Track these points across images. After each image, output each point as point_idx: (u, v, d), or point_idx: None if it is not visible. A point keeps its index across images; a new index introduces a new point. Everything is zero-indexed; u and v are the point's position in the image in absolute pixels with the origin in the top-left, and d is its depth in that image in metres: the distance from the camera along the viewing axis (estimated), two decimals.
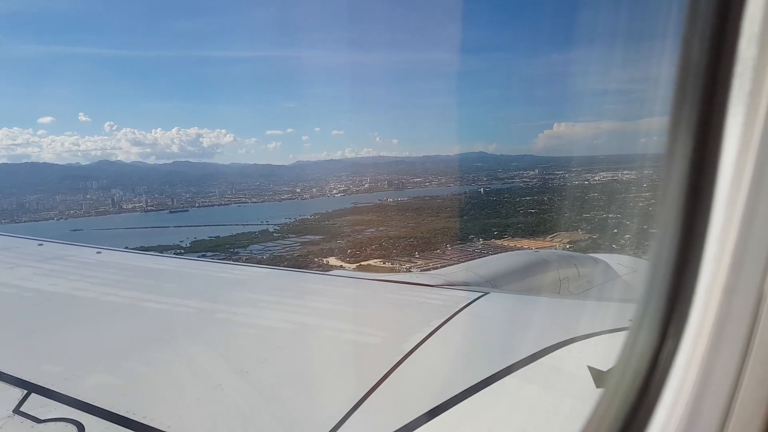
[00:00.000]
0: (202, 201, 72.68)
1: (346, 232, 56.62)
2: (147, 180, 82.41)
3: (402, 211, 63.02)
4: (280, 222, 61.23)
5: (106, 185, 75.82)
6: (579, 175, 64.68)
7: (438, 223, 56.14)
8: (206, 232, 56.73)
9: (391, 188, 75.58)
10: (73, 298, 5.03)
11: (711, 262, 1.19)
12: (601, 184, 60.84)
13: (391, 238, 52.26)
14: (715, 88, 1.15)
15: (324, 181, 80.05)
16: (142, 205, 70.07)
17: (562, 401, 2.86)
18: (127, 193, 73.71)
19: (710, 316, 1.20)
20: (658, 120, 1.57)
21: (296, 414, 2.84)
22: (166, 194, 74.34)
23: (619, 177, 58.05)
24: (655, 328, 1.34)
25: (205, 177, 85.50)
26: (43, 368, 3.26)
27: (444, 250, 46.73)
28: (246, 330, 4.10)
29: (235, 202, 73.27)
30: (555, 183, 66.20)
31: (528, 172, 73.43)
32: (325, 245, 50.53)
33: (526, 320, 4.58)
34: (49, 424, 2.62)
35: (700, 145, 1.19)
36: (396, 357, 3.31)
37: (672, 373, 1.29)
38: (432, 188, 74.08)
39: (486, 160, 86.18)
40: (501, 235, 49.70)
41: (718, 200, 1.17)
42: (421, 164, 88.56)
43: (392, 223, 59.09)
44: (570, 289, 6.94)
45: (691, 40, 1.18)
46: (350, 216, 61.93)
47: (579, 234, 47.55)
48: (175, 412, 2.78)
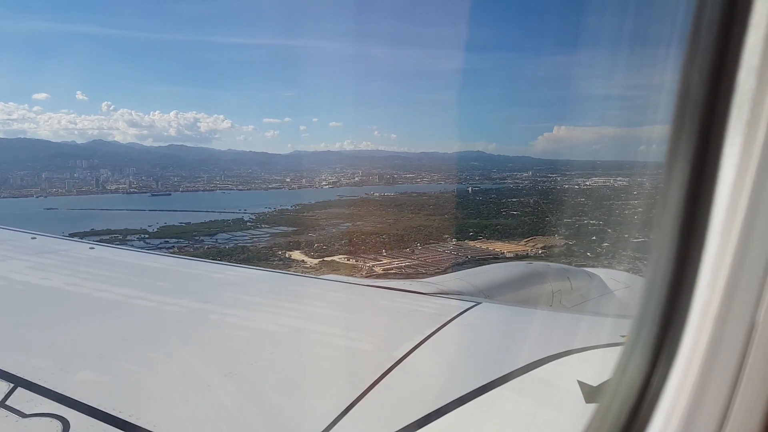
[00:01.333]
0: (187, 186, 71.96)
1: (321, 225, 55.65)
2: (138, 162, 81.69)
3: (384, 206, 62.11)
4: (259, 211, 60.24)
5: (96, 165, 75.24)
6: (571, 179, 64.11)
7: (417, 220, 55.19)
8: (180, 217, 55.87)
9: (382, 182, 74.61)
10: (61, 292, 5.02)
11: (705, 288, 1.22)
12: (591, 189, 59.68)
13: (364, 234, 51.35)
14: (713, 118, 1.17)
15: (316, 172, 79.17)
16: (125, 187, 69.45)
17: (551, 415, 2.83)
18: (115, 174, 73.08)
19: (702, 341, 1.22)
20: (657, 128, 1.67)
21: (283, 418, 2.83)
22: (154, 177, 73.40)
23: (611, 183, 57.12)
24: (648, 351, 1.35)
25: (198, 162, 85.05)
26: (31, 363, 3.23)
27: (414, 249, 45.54)
28: (238, 332, 4.03)
29: (222, 188, 72.61)
30: (545, 186, 65.75)
31: (521, 174, 72.45)
32: (294, 238, 49.52)
33: (517, 332, 4.52)
34: (34, 419, 2.59)
35: (697, 172, 1.21)
36: (386, 364, 3.28)
37: (663, 397, 1.30)
38: (422, 185, 73.34)
39: (483, 160, 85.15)
40: (476, 236, 48.75)
41: (713, 229, 1.19)
42: (418, 160, 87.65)
43: (370, 218, 58.26)
44: (562, 302, 6.91)
45: (691, 70, 1.20)
46: (331, 209, 61.09)
47: (555, 239, 46.86)
48: (162, 411, 2.76)
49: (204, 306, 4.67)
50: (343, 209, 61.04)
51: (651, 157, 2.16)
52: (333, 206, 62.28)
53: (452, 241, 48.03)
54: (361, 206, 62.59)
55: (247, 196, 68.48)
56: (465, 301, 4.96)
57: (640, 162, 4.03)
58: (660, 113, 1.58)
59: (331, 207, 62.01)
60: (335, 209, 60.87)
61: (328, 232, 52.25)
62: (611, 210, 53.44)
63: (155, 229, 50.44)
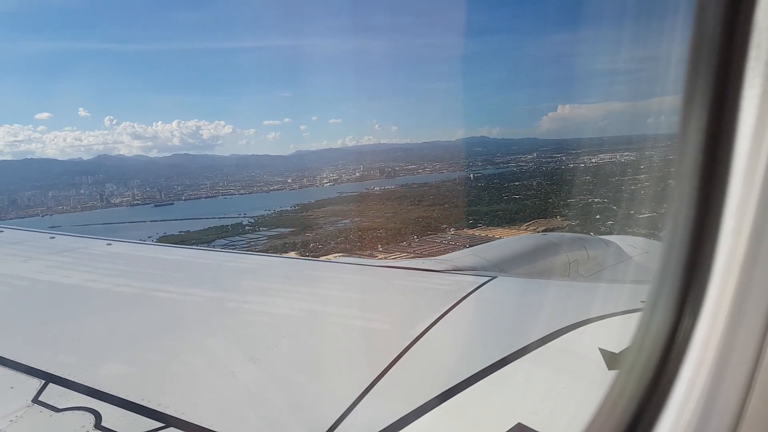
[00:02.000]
0: (189, 194, 72.36)
1: (318, 224, 55.39)
2: (143, 174, 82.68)
3: (384, 200, 61.78)
4: (258, 214, 60.23)
5: (101, 180, 76.14)
6: (577, 158, 63.07)
7: (416, 212, 54.75)
8: (181, 226, 56.02)
9: (383, 176, 74.65)
10: (84, 289, 5.13)
11: (729, 235, 1.17)
12: (596, 167, 58.32)
13: (361, 230, 51.02)
14: (731, 59, 1.13)
15: (317, 171, 79.28)
16: (129, 199, 70.07)
17: (574, 384, 2.79)
18: (120, 188, 73.85)
19: (729, 291, 1.17)
20: (666, 99, 1.62)
21: (306, 399, 2.83)
22: (158, 187, 74.18)
23: (617, 159, 56.21)
24: (672, 305, 1.31)
25: (202, 169, 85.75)
26: (60, 358, 3.31)
27: (410, 242, 45.10)
28: (257, 318, 4.10)
29: (224, 194, 72.94)
30: (549, 167, 65.01)
31: (525, 156, 71.79)
32: (291, 239, 49.32)
33: (535, 304, 4.49)
34: (66, 413, 2.64)
35: (715, 118, 1.17)
36: (405, 342, 3.28)
37: (689, 352, 1.25)
38: (424, 175, 72.95)
39: (487, 145, 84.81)
40: (476, 223, 48.02)
41: (736, 172, 1.14)
42: (420, 151, 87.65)
43: (369, 213, 58.03)
44: (579, 271, 6.78)
45: (705, 10, 1.16)
46: (330, 206, 60.83)
47: (557, 221, 45.78)
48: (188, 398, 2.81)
49: (222, 294, 4.80)
50: (342, 206, 60.77)
51: (660, 129, 2.16)
52: (332, 204, 61.97)
53: (451, 231, 47.39)
54: (360, 202, 62.37)
55: (248, 200, 68.67)
56: (480, 276, 4.90)
57: (649, 135, 3.71)
58: (667, 84, 1.55)
59: (330, 205, 61.70)
60: (334, 207, 60.57)
61: (325, 231, 51.95)
62: (617, 186, 52.19)
63: (154, 240, 50.80)
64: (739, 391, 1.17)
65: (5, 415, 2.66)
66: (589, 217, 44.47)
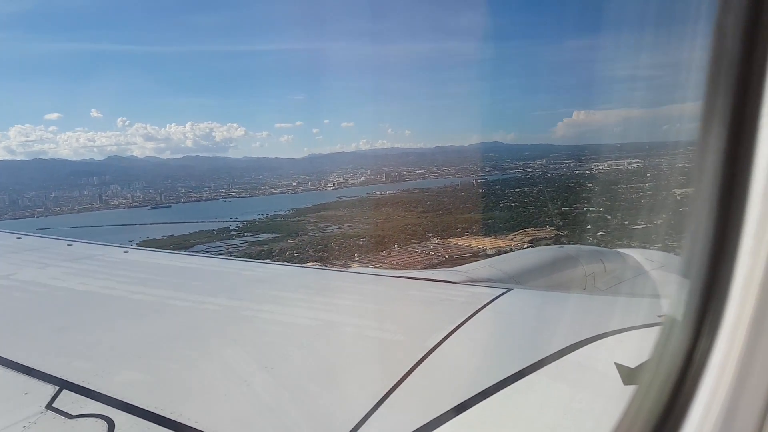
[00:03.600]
0: (190, 196, 71.87)
1: (306, 229, 54.00)
2: (151, 175, 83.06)
3: (380, 205, 60.63)
4: (250, 218, 58.93)
5: (107, 181, 76.49)
6: (584, 164, 61.80)
7: (408, 218, 53.33)
8: (168, 230, 55.00)
9: (388, 180, 73.52)
10: (99, 296, 5.18)
11: (747, 256, 1.16)
12: (602, 174, 56.77)
13: (345, 237, 49.38)
14: (750, 76, 1.12)
15: (325, 174, 78.49)
16: (128, 201, 69.70)
17: (591, 399, 2.80)
18: (124, 189, 73.82)
19: (747, 312, 1.16)
20: (682, 107, 1.64)
21: (321, 409, 2.85)
22: (162, 189, 73.88)
23: (625, 167, 53.91)
24: (690, 325, 1.31)
25: (211, 171, 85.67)
26: (75, 365, 3.31)
27: (390, 252, 42.92)
28: (271, 327, 4.11)
29: (225, 197, 72.26)
30: (555, 173, 63.97)
31: (534, 162, 70.27)
32: (270, 246, 47.53)
33: (551, 317, 4.45)
34: (80, 420, 2.65)
35: (734, 136, 1.16)
36: (419, 353, 3.25)
37: (707, 372, 1.25)
38: (430, 180, 71.66)
39: (499, 150, 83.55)
40: (463, 232, 46.02)
41: (754, 192, 1.14)
42: (432, 155, 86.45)
43: (361, 219, 56.90)
44: (596, 284, 6.72)
45: (725, 26, 1.16)
46: (325, 211, 59.58)
47: (546, 231, 43.93)
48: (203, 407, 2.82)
49: (238, 303, 4.77)
50: (336, 211, 59.43)
51: (674, 136, 2.10)
52: (328, 209, 60.79)
53: (435, 240, 45.18)
54: (357, 207, 61.00)
55: (247, 203, 67.69)
56: (496, 288, 4.83)
57: (662, 142, 3.94)
58: (683, 90, 1.53)
59: (326, 210, 60.47)
60: (329, 212, 59.32)
61: (309, 238, 50.31)
62: (617, 195, 51.16)
63: (134, 244, 49.61)
64: (756, 413, 1.16)
65: (19, 421, 2.64)
66: (580, 226, 42.93)
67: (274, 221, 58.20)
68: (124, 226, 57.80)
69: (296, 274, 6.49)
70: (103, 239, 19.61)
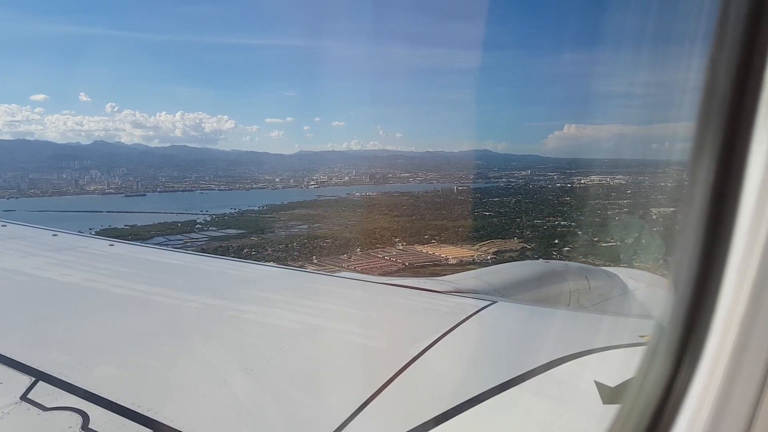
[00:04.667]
0: (167, 186, 70.68)
1: (273, 227, 52.85)
2: (134, 162, 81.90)
3: (357, 206, 60.23)
4: (221, 212, 57.76)
5: (88, 166, 75.48)
6: (568, 177, 61.03)
7: (380, 221, 52.71)
8: (134, 219, 53.87)
9: (372, 182, 72.98)
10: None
11: (730, 290, 1.18)
12: (582, 188, 56.37)
13: (310, 238, 48.14)
14: (740, 115, 1.14)
15: (311, 172, 77.77)
16: (103, 188, 68.55)
17: (569, 415, 2.78)
18: (104, 175, 72.70)
19: (728, 345, 1.18)
20: (673, 126, 1.65)
21: (299, 414, 2.82)
22: (141, 177, 72.82)
23: (607, 182, 53.45)
24: (671, 353, 1.32)
25: (196, 162, 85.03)
26: (53, 357, 3.29)
27: (351, 255, 41.66)
28: (251, 328, 4.07)
29: (203, 189, 71.16)
30: (537, 185, 63.66)
31: (520, 173, 69.91)
32: (231, 242, 46.03)
33: (534, 331, 4.43)
34: (54, 413, 2.63)
35: (722, 171, 1.18)
36: (401, 362, 3.23)
37: (686, 403, 1.27)
38: (413, 184, 71.14)
39: (488, 159, 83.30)
40: (430, 239, 44.94)
41: (740, 228, 1.16)
42: (421, 159, 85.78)
43: (333, 219, 55.65)
44: (580, 301, 6.69)
45: (717, 65, 1.18)
46: (299, 209, 58.56)
47: (513, 242, 43.19)
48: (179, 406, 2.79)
49: (221, 303, 4.69)
50: (311, 210, 58.46)
51: (663, 155, 2.17)
52: (303, 207, 59.80)
53: (400, 245, 43.95)
54: (332, 207, 60.08)
55: (225, 197, 66.74)
56: (481, 300, 4.80)
57: (651, 160, 4.43)
58: (675, 110, 1.56)
59: (300, 208, 59.46)
60: (303, 210, 58.27)
61: (273, 236, 49.11)
62: (593, 211, 50.68)
63: (93, 233, 48.38)
64: None
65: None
66: (548, 240, 42.32)
67: (243, 217, 57.04)
68: (92, 213, 56.55)
69: (283, 276, 6.50)
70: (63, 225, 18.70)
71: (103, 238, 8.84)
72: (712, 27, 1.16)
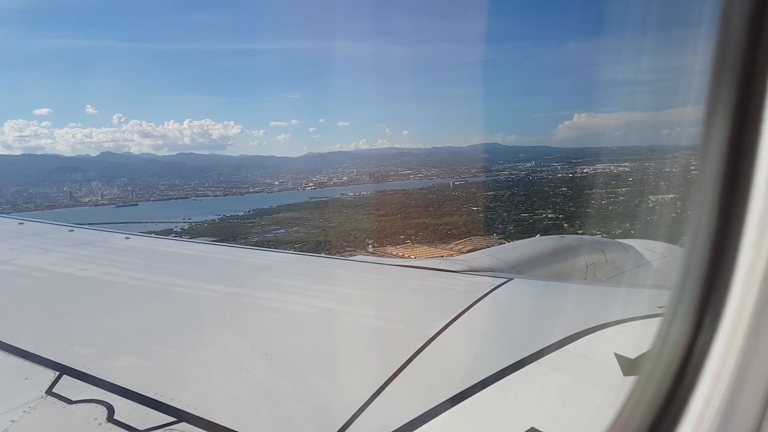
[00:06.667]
0: (161, 194, 70.20)
1: (251, 233, 51.12)
2: (138, 172, 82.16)
3: (345, 207, 58.23)
4: (203, 219, 56.39)
5: (91, 177, 75.68)
6: (572, 167, 58.08)
7: (362, 222, 51.43)
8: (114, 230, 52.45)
9: (371, 181, 72.00)
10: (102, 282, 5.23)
11: (750, 248, 1.16)
12: (582, 178, 53.17)
13: (280, 242, 46.27)
14: (753, 73, 1.13)
15: (314, 174, 76.60)
16: (97, 199, 68.31)
17: (589, 389, 2.81)
18: (104, 186, 72.65)
19: (749, 305, 1.16)
20: (683, 110, 1.67)
21: (320, 396, 2.85)
22: (139, 187, 72.56)
23: (611, 171, 50.31)
24: (690, 317, 1.30)
25: (200, 169, 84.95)
26: (75, 350, 3.34)
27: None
28: (269, 314, 4.11)
29: (197, 195, 70.34)
30: (538, 176, 61.33)
31: (524, 164, 67.44)
32: None
33: (551, 306, 4.42)
34: (80, 405, 2.67)
35: (738, 129, 1.17)
36: (419, 342, 3.25)
37: (707, 365, 1.24)
38: (414, 181, 69.71)
39: (496, 152, 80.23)
40: (405, 239, 42.51)
41: (757, 184, 1.13)
42: (427, 156, 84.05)
43: (315, 222, 54.05)
44: (597, 275, 6.69)
45: (728, 26, 1.16)
46: (285, 213, 57.27)
47: (492, 239, 40.41)
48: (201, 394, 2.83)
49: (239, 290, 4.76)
50: (295, 213, 56.94)
51: (674, 140, 2.11)
52: (291, 210, 58.35)
53: (371, 247, 41.45)
54: (320, 209, 58.46)
55: (217, 203, 65.69)
56: (496, 278, 4.78)
57: (662, 146, 3.84)
58: (686, 94, 1.56)
59: (287, 211, 58.02)
60: (289, 213, 56.84)
61: (247, 242, 46.99)
62: (586, 202, 47.43)
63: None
64: (756, 406, 1.16)
65: (18, 406, 2.66)
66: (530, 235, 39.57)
67: (224, 223, 55.65)
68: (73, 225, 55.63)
69: (300, 262, 6.40)
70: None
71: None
72: (718, 9, 1.13)
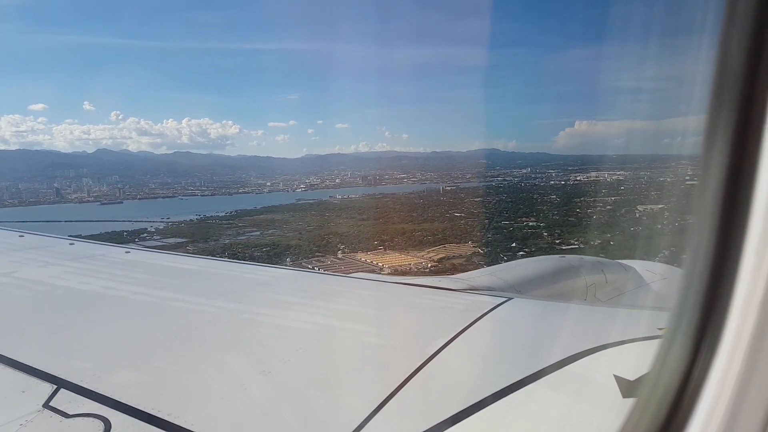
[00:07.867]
0: (147, 193, 69.47)
1: (226, 234, 49.79)
2: (132, 170, 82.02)
3: (327, 210, 57.07)
4: (181, 219, 55.04)
5: (83, 174, 75.30)
6: (565, 175, 57.00)
7: (340, 226, 49.46)
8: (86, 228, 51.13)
9: (364, 184, 71.30)
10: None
11: (749, 273, 1.16)
12: (573, 186, 51.92)
13: (251, 246, 44.99)
14: (754, 89, 1.13)
15: (309, 176, 76.33)
16: (83, 196, 67.72)
17: (590, 410, 2.80)
18: (94, 183, 72.19)
19: (747, 330, 1.16)
20: (685, 120, 1.69)
21: (317, 415, 2.84)
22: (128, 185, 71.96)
23: (604, 179, 48.83)
24: (689, 341, 1.30)
25: (194, 168, 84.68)
26: (73, 364, 3.29)
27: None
28: (269, 330, 4.06)
29: (185, 195, 69.58)
30: (529, 183, 60.79)
31: (520, 171, 67.68)
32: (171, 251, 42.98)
33: (551, 327, 4.41)
34: (77, 419, 2.64)
35: (737, 150, 1.16)
36: (419, 361, 3.19)
37: (706, 389, 1.25)
38: (406, 185, 68.85)
39: (495, 158, 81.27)
40: (380, 245, 41.47)
41: (757, 208, 1.13)
42: (425, 160, 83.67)
43: (293, 224, 52.63)
44: (597, 295, 6.61)
45: (729, 39, 1.16)
46: (267, 215, 55.93)
47: (467, 247, 39.03)
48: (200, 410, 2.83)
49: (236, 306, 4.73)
50: (277, 215, 55.57)
51: (675, 149, 2.15)
52: (273, 212, 57.06)
53: (341, 253, 39.61)
54: (302, 211, 57.53)
55: (202, 202, 64.76)
56: (496, 297, 4.71)
57: (662, 155, 3.68)
58: (687, 104, 1.57)
59: (270, 213, 56.77)
60: (270, 215, 55.49)
61: (216, 244, 45.90)
62: (571, 210, 45.66)
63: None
64: (754, 430, 1.16)
65: (15, 419, 2.63)
66: (506, 243, 38.10)
67: (202, 223, 54.23)
68: (48, 222, 54.62)
69: (299, 278, 6.40)
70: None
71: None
72: (721, 18, 1.13)
